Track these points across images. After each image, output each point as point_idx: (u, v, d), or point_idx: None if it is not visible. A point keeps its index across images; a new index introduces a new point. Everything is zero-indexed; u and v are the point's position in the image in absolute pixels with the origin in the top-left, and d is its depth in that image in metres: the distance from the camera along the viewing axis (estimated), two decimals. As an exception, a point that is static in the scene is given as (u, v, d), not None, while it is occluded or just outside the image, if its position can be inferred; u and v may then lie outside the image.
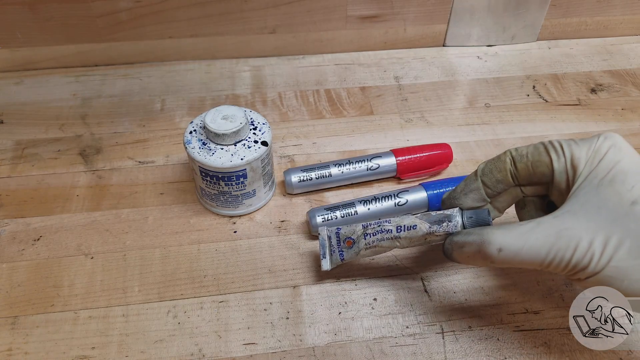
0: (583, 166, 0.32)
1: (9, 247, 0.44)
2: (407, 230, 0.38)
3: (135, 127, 0.55)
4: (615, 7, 0.66)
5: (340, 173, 0.48)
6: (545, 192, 0.36)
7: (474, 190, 0.37)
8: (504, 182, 0.36)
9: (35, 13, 0.56)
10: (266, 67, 0.63)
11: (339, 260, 0.40)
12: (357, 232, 0.40)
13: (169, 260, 0.44)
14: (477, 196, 0.37)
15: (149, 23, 0.59)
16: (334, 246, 0.40)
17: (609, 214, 0.31)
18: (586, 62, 0.65)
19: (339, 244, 0.40)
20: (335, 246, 0.40)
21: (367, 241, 0.39)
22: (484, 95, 0.60)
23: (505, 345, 0.39)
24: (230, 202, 0.45)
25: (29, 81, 0.60)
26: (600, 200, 0.31)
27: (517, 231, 0.32)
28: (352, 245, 0.40)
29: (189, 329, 0.39)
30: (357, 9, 0.61)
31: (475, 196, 0.37)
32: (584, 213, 0.31)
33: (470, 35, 0.66)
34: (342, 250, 0.40)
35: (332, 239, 0.41)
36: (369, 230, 0.39)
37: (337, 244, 0.40)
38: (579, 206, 0.31)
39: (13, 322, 0.40)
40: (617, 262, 0.30)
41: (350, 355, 0.38)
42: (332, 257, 0.40)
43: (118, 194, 0.49)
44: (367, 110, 0.58)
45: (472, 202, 0.37)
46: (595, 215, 0.31)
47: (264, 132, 0.44)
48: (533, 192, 0.37)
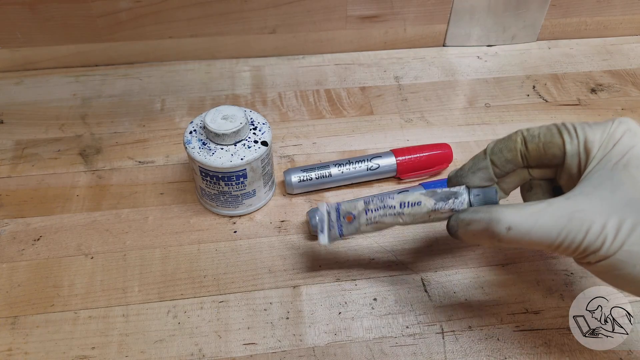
0: (597, 150, 0.32)
1: (9, 247, 0.44)
2: (411, 207, 0.36)
3: (135, 127, 0.55)
4: (615, 7, 0.66)
5: (340, 173, 0.48)
6: (553, 175, 0.36)
7: (482, 169, 0.36)
8: (513, 162, 0.35)
9: (35, 13, 0.57)
10: (266, 67, 0.63)
11: (337, 235, 0.38)
12: (359, 208, 0.38)
13: (169, 260, 0.44)
14: (484, 175, 0.36)
15: (149, 23, 0.59)
16: (332, 221, 0.39)
17: (623, 197, 0.30)
18: (586, 62, 0.65)
19: (339, 219, 0.38)
20: (334, 221, 0.39)
21: (369, 217, 0.37)
22: (484, 95, 0.60)
23: (505, 345, 0.39)
24: (230, 202, 0.45)
25: (29, 81, 0.60)
26: (614, 183, 0.31)
27: (527, 210, 0.32)
28: (352, 221, 0.38)
29: (189, 329, 0.39)
30: (357, 9, 0.61)
31: (483, 175, 0.36)
32: (597, 196, 0.31)
33: (470, 35, 0.66)
34: (341, 225, 0.38)
35: (331, 214, 0.39)
36: (371, 206, 0.37)
37: (337, 219, 0.39)
38: (592, 189, 0.31)
39: (13, 322, 0.40)
40: (629, 246, 0.29)
41: (350, 355, 0.38)
42: (331, 232, 0.39)
43: (118, 194, 0.49)
44: (367, 110, 0.58)
45: (479, 181, 0.36)
46: (608, 198, 0.30)
47: (264, 132, 0.44)
48: (541, 175, 0.36)
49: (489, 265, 0.44)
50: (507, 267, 0.44)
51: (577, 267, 0.43)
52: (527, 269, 0.43)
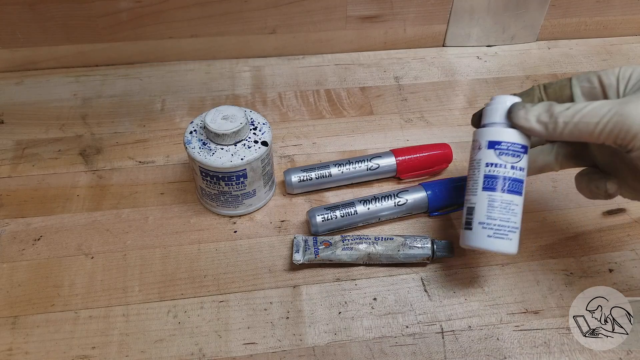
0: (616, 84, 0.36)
1: (10, 247, 0.44)
2: (384, 240, 0.43)
3: (136, 127, 0.55)
4: (614, 7, 0.66)
5: (340, 173, 0.48)
6: None
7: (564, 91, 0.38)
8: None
9: (36, 13, 0.57)
10: (266, 67, 0.63)
11: (313, 256, 0.42)
12: (335, 239, 0.43)
13: (169, 260, 0.44)
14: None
15: (149, 23, 0.59)
16: (309, 246, 0.43)
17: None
18: (586, 62, 0.65)
19: (315, 244, 0.42)
20: (311, 246, 0.43)
21: (345, 244, 0.42)
22: (483, 96, 0.60)
23: (505, 345, 0.39)
24: (231, 202, 0.45)
25: (30, 81, 0.60)
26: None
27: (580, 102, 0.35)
28: (328, 247, 0.42)
29: (189, 329, 0.39)
30: (357, 9, 0.61)
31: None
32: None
33: (470, 36, 0.66)
34: (317, 249, 0.42)
35: (308, 241, 0.43)
36: (348, 239, 0.43)
37: (314, 244, 0.42)
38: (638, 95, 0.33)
39: (13, 322, 0.40)
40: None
41: (350, 355, 0.38)
42: (306, 253, 0.42)
43: (118, 194, 0.49)
44: (367, 110, 0.58)
45: None
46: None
47: (264, 132, 0.44)
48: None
49: (489, 265, 0.44)
50: (507, 267, 0.44)
51: (577, 267, 0.43)
52: (527, 269, 0.43)
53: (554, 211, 0.48)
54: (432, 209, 0.46)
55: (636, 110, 0.32)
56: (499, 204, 0.37)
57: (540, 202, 0.48)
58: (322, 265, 0.43)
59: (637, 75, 0.35)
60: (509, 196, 0.37)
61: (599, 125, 0.33)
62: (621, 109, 0.32)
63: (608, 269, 0.43)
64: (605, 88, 0.36)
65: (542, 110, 0.36)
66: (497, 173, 0.37)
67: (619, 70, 0.36)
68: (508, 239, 0.37)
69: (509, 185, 0.37)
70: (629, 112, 0.32)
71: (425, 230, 0.46)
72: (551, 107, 0.35)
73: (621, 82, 0.35)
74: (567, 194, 0.49)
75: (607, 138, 0.33)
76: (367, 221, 0.45)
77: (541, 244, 0.45)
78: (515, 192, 0.37)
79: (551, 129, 0.35)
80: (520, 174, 0.37)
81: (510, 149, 0.37)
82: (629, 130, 0.32)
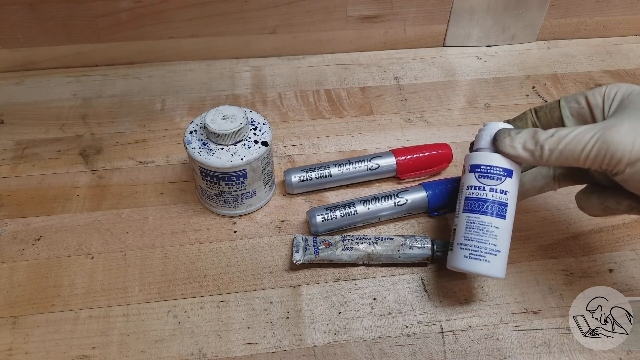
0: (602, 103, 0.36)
1: (10, 247, 0.44)
2: (384, 240, 0.43)
3: (136, 127, 0.55)
4: (614, 7, 0.66)
5: (340, 173, 0.48)
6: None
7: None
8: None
9: (36, 13, 0.57)
10: (266, 67, 0.63)
11: (313, 256, 0.42)
12: (336, 239, 0.43)
13: (169, 260, 0.44)
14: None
15: (149, 23, 0.59)
16: (309, 246, 0.42)
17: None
18: (586, 62, 0.65)
19: (315, 244, 0.42)
20: (311, 246, 0.42)
21: (345, 244, 0.42)
22: (483, 96, 0.60)
23: (505, 345, 0.39)
24: (231, 202, 0.45)
25: (30, 81, 0.60)
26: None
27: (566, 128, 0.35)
28: (328, 247, 0.42)
29: (189, 329, 0.39)
30: (357, 9, 0.61)
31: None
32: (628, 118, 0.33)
33: (470, 36, 0.66)
34: (317, 249, 0.42)
35: (308, 241, 0.43)
36: (348, 239, 0.43)
37: (314, 244, 0.42)
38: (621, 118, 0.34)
39: (13, 322, 0.40)
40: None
41: (350, 354, 0.38)
42: (306, 253, 0.42)
43: (118, 194, 0.49)
44: (367, 110, 0.58)
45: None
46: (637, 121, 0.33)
47: (264, 132, 0.44)
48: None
49: (489, 265, 0.44)
50: (507, 267, 0.44)
51: (577, 267, 0.43)
52: (527, 269, 0.43)
53: (554, 211, 0.48)
54: (432, 209, 0.46)
55: (618, 135, 0.32)
56: (476, 225, 0.37)
57: (540, 202, 0.48)
58: (322, 265, 0.43)
59: (621, 94, 0.35)
60: (487, 218, 0.37)
61: (584, 152, 0.33)
62: (603, 135, 0.33)
63: (608, 269, 0.43)
64: (592, 108, 0.36)
65: (527, 137, 0.36)
66: (476, 195, 0.38)
67: (605, 89, 0.36)
68: (485, 261, 0.37)
69: (488, 207, 0.37)
70: (612, 138, 0.32)
71: (425, 230, 0.46)
72: (536, 134, 0.35)
73: (606, 102, 0.35)
74: (567, 194, 0.49)
75: (593, 163, 0.33)
76: (367, 221, 0.45)
77: (541, 244, 0.45)
78: (495, 214, 0.37)
79: (538, 157, 0.35)
80: (501, 197, 0.37)
81: (490, 172, 0.38)
82: (612, 156, 0.32)
